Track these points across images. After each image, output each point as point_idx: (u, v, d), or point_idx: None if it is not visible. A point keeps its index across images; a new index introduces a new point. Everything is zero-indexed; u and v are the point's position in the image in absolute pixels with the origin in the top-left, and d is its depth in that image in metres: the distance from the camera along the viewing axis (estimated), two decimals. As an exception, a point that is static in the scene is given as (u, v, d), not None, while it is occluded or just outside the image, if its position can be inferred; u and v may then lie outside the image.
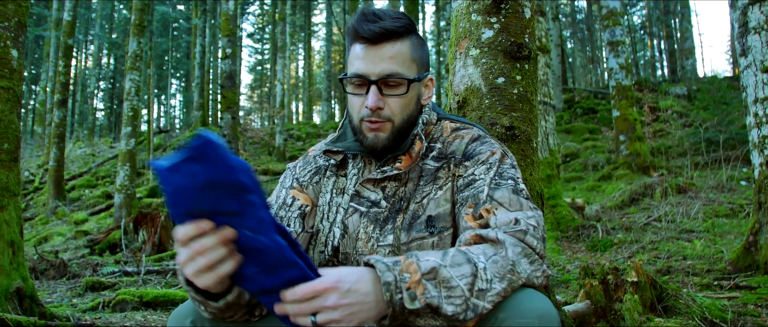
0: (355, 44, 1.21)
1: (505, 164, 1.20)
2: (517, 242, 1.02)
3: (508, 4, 1.88)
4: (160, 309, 3.54)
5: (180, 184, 0.81)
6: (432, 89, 1.33)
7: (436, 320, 0.92)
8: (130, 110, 9.23)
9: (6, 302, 2.64)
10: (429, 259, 0.94)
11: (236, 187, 0.83)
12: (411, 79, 1.21)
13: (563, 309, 2.28)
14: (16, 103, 2.90)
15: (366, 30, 1.17)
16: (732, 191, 6.77)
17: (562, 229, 5.47)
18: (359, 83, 1.22)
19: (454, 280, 0.92)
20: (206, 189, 0.82)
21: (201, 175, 0.80)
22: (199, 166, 0.80)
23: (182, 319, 1.09)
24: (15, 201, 2.86)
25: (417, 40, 1.25)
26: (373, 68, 1.18)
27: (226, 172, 0.82)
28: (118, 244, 6.57)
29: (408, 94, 1.23)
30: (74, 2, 11.64)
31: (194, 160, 0.80)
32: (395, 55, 1.19)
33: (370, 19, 1.18)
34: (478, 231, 1.06)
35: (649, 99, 14.44)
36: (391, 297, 0.89)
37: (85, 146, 21.31)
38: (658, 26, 28.25)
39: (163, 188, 0.83)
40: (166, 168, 0.80)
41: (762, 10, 3.33)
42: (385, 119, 1.21)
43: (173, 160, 0.80)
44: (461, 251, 0.98)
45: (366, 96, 1.20)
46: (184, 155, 0.80)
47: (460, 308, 0.91)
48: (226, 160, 0.81)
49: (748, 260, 3.44)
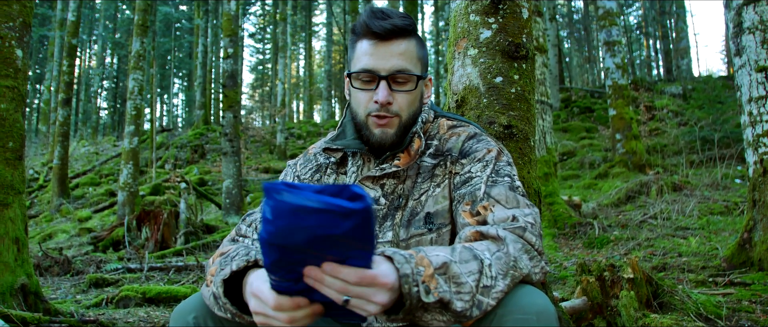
0: (362, 41, 1.23)
1: (502, 162, 1.21)
2: (517, 239, 1.03)
3: (505, 4, 1.89)
4: (162, 305, 3.56)
5: (304, 226, 0.74)
6: (431, 89, 1.35)
7: (443, 315, 0.91)
8: (133, 109, 9.23)
9: (11, 298, 2.64)
10: (439, 254, 0.93)
11: (359, 245, 0.78)
12: (419, 75, 1.24)
13: (560, 305, 2.28)
14: (20, 102, 2.90)
15: (378, 26, 1.19)
16: (727, 189, 6.78)
17: (559, 226, 5.48)
18: (368, 79, 1.22)
19: (463, 276, 0.92)
20: (329, 241, 0.76)
21: (336, 230, 0.74)
22: (343, 222, 0.73)
23: (185, 315, 1.08)
24: (20, 199, 2.86)
25: (420, 40, 1.28)
26: (383, 63, 1.19)
27: (363, 236, 0.76)
28: (121, 241, 6.59)
29: (415, 91, 1.24)
30: (78, 3, 11.63)
31: (340, 216, 0.72)
32: (404, 51, 1.21)
33: (379, 16, 1.20)
34: (478, 227, 1.07)
35: (645, 98, 14.44)
36: (409, 289, 0.87)
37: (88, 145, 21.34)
38: (653, 26, 28.24)
39: (275, 216, 0.74)
40: (293, 208, 0.73)
41: (756, 10, 3.35)
42: (393, 115, 1.22)
43: (305, 204, 0.72)
44: (467, 247, 0.98)
45: (375, 91, 1.21)
46: (325, 206, 0.72)
47: (468, 304, 0.91)
48: (371, 228, 0.75)
49: (742, 257, 3.45)
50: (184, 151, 17.41)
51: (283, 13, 19.43)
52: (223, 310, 1.03)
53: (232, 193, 9.13)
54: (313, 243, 0.76)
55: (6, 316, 2.41)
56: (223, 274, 1.02)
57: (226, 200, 9.21)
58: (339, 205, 0.72)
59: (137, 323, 3.02)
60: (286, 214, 0.73)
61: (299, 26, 32.31)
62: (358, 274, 0.81)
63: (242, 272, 1.03)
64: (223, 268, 1.04)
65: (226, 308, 1.01)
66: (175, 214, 6.81)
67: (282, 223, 0.74)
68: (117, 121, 33.15)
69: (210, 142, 18.18)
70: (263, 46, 38.83)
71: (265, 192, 0.75)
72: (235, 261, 1.04)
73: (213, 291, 1.04)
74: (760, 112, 3.37)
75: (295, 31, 28.17)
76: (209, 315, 1.07)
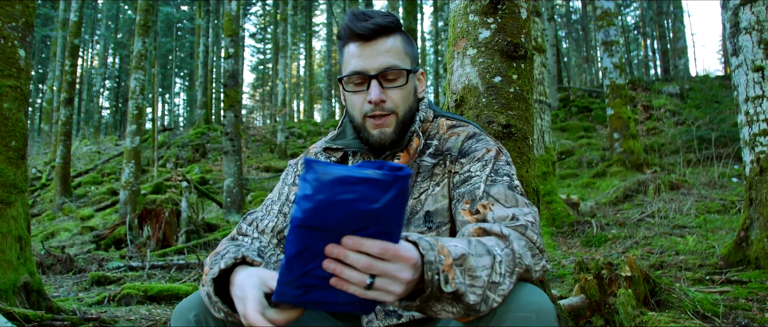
0: (349, 45, 1.24)
1: (501, 161, 1.22)
2: (520, 236, 1.04)
3: (504, 4, 1.89)
4: (164, 303, 3.58)
5: (345, 199, 0.72)
6: (424, 83, 1.36)
7: (453, 307, 0.89)
8: (135, 109, 9.26)
9: (14, 296, 2.65)
10: (457, 245, 0.91)
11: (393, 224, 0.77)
12: (409, 69, 1.24)
13: (559, 303, 2.27)
14: (23, 102, 2.90)
15: (360, 27, 1.20)
16: (723, 188, 6.79)
17: (558, 224, 5.49)
18: (359, 81, 1.23)
19: (479, 270, 0.91)
20: (366, 218, 0.74)
21: (375, 205, 0.73)
22: (384, 194, 0.72)
23: (186, 313, 1.09)
24: (22, 197, 2.87)
25: (406, 36, 1.28)
26: (371, 63, 1.20)
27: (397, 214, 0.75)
28: (123, 239, 6.61)
29: (407, 86, 1.25)
30: (80, 3, 11.66)
31: (382, 186, 0.72)
32: (390, 48, 1.22)
33: (361, 18, 1.21)
34: (481, 224, 1.06)
35: (643, 97, 14.46)
36: (431, 277, 0.84)
37: (90, 144, 21.38)
38: (651, 26, 28.20)
39: (317, 189, 0.73)
40: (338, 178, 0.72)
41: (753, 10, 3.36)
42: (389, 112, 1.23)
43: (350, 174, 0.72)
44: (480, 242, 0.96)
45: (367, 92, 1.22)
46: (370, 175, 0.72)
47: (479, 298, 0.90)
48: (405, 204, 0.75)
49: (739, 255, 3.46)
50: (186, 150, 17.43)
51: (283, 13, 19.46)
52: (216, 310, 1.03)
53: (233, 192, 9.16)
54: (349, 220, 0.73)
55: (9, 313, 2.42)
56: (213, 273, 1.03)
57: (227, 199, 9.23)
58: (384, 173, 0.72)
59: (139, 321, 3.03)
60: (329, 185, 0.72)
61: (299, 26, 32.31)
62: (382, 246, 0.76)
63: (231, 269, 1.04)
64: (213, 267, 1.05)
65: (218, 307, 1.01)
66: (177, 213, 6.83)
67: (322, 197, 0.72)
68: (119, 121, 33.16)
69: (211, 141, 18.19)
70: (264, 45, 38.82)
71: (306, 166, 0.74)
72: (224, 259, 1.04)
73: (206, 290, 1.04)
74: (757, 112, 3.37)
75: (295, 31, 28.18)
76: (209, 313, 1.08)
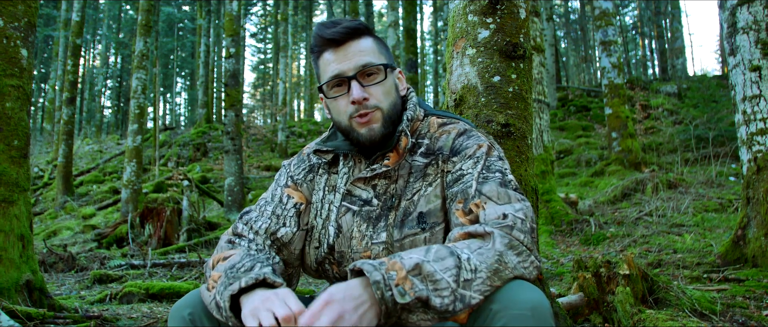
0: (323, 54, 1.26)
1: (492, 157, 1.22)
2: (505, 235, 1.04)
3: (503, 4, 1.89)
4: (165, 301, 3.59)
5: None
6: (404, 81, 1.37)
7: (427, 314, 0.94)
8: (136, 108, 9.28)
9: (16, 294, 2.66)
10: (412, 257, 0.97)
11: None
12: (386, 64, 1.26)
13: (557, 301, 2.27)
14: (25, 101, 2.92)
15: (331, 33, 1.23)
16: (721, 187, 6.80)
17: (556, 223, 5.50)
18: (338, 83, 1.24)
19: (438, 273, 0.94)
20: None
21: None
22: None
23: (181, 311, 1.12)
24: (25, 196, 2.88)
25: (377, 38, 1.30)
26: (347, 64, 1.22)
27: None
28: (124, 238, 6.64)
29: (387, 81, 1.26)
30: (82, 3, 11.68)
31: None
32: (363, 48, 1.24)
33: (329, 25, 1.25)
34: (467, 228, 1.08)
35: (641, 97, 14.48)
36: (382, 294, 0.91)
37: (92, 143, 21.41)
38: (649, 26, 28.15)
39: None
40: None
41: (750, 10, 3.37)
42: (373, 108, 1.23)
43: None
44: (445, 246, 1.00)
45: (348, 94, 1.22)
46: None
47: (448, 300, 0.93)
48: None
49: (736, 254, 3.47)
50: (187, 149, 17.44)
51: (284, 13, 19.49)
52: (223, 318, 1.06)
53: (234, 191, 9.19)
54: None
55: (11, 311, 2.44)
56: (232, 290, 1.05)
57: (228, 197, 9.26)
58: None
59: (140, 319, 3.05)
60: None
61: (300, 26, 32.30)
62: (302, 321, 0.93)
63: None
64: (232, 283, 1.06)
65: (229, 320, 1.05)
66: (178, 212, 6.85)
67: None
68: (120, 120, 33.18)
69: (212, 141, 18.21)
70: (264, 45, 38.86)
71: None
72: (244, 277, 1.06)
73: (216, 300, 1.06)
74: (754, 111, 3.38)
75: (296, 31, 28.19)
76: (204, 313, 1.11)
